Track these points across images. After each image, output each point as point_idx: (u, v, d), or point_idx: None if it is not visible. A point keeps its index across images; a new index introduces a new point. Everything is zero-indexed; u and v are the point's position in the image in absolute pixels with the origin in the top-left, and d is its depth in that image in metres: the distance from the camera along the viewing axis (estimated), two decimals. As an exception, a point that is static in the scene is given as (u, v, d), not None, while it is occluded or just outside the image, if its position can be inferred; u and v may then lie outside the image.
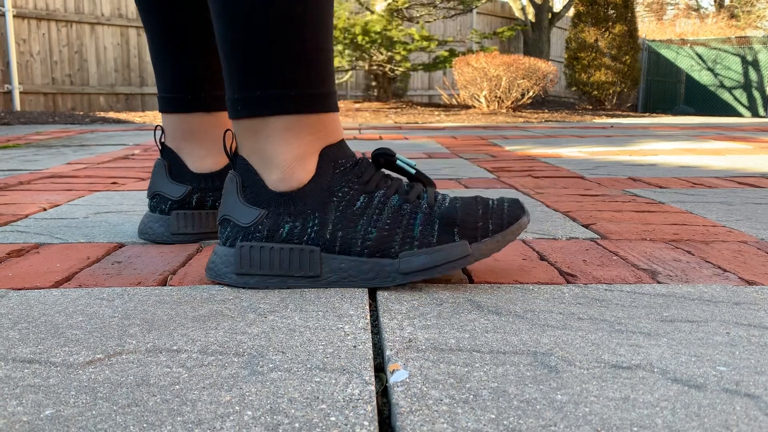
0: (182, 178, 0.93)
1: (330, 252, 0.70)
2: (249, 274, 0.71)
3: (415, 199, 0.72)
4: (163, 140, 0.94)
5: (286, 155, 0.70)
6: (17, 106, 5.75)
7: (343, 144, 0.74)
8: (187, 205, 0.93)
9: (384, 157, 0.75)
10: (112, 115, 5.42)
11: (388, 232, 0.70)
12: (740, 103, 9.87)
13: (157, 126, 0.88)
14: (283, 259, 0.70)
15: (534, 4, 9.18)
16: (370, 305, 0.67)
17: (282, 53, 0.68)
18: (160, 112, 0.94)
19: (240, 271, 0.71)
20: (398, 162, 0.76)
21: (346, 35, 6.46)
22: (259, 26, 0.67)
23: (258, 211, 0.71)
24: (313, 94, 0.71)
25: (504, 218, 0.72)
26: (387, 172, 0.77)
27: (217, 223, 0.75)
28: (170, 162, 0.94)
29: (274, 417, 0.42)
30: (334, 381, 0.48)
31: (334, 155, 0.72)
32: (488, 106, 6.58)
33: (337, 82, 7.85)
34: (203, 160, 0.94)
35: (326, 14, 0.70)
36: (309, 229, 0.70)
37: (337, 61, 6.71)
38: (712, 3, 20.06)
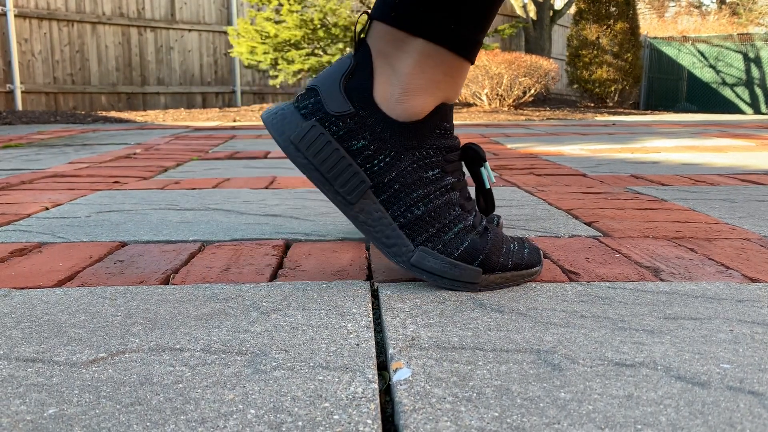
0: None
1: (376, 194, 0.69)
2: (302, 152, 0.69)
3: (469, 210, 0.71)
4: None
5: (413, 79, 0.67)
6: (19, 106, 5.75)
7: (452, 111, 0.71)
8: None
9: (473, 153, 0.74)
10: (113, 114, 5.43)
11: (431, 219, 0.68)
12: (742, 100, 9.85)
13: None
14: (338, 166, 0.68)
15: (535, 2, 9.17)
16: (373, 303, 0.67)
17: None
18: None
19: (297, 144, 0.69)
20: (482, 168, 0.75)
21: (347, 33, 6.45)
22: None
23: (349, 107, 0.68)
24: (470, 37, 0.67)
25: (523, 261, 0.72)
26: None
27: (306, 87, 0.72)
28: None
29: (278, 415, 0.42)
30: (337, 379, 0.48)
31: (445, 116, 0.70)
32: (490, 104, 6.57)
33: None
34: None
35: None
36: (377, 161, 0.68)
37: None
38: (714, 0, 20.03)
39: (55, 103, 6.07)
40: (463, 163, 0.75)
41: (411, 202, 0.68)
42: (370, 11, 0.70)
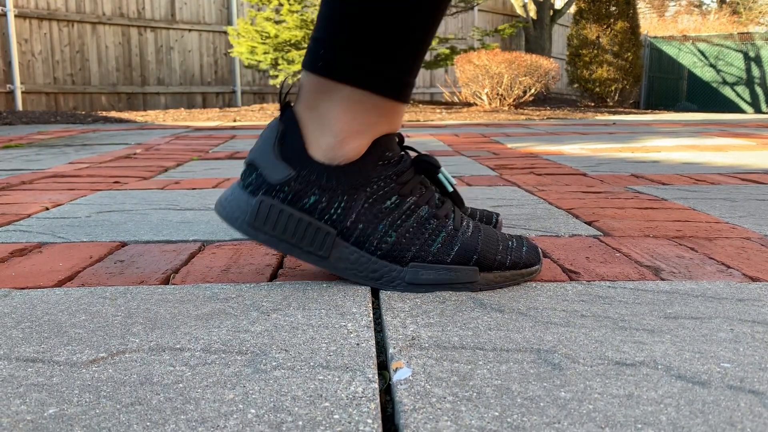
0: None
1: (345, 239, 0.69)
2: (261, 230, 0.69)
3: (443, 217, 0.71)
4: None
5: (345, 126, 0.68)
6: (19, 106, 5.75)
7: (394, 138, 0.72)
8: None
9: (426, 165, 0.74)
10: (113, 114, 5.43)
11: (407, 240, 0.69)
12: (743, 99, 9.85)
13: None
14: (298, 229, 0.69)
15: (535, 2, 9.16)
16: (373, 303, 0.67)
17: (390, 29, 0.65)
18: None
19: (253, 224, 0.69)
20: (439, 175, 0.75)
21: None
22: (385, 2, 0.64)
23: (289, 172, 0.69)
24: (399, 80, 0.68)
25: (521, 259, 0.72)
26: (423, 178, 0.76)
27: (245, 163, 0.72)
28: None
29: (278, 415, 0.42)
30: (337, 379, 0.48)
31: (385, 146, 0.70)
32: (490, 104, 6.57)
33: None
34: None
35: (444, 7, 0.68)
36: (333, 210, 0.69)
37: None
38: (714, -1, 20.02)
39: (55, 103, 6.07)
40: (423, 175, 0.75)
41: (381, 234, 0.69)
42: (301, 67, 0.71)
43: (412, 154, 0.76)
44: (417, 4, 0.65)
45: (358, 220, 0.69)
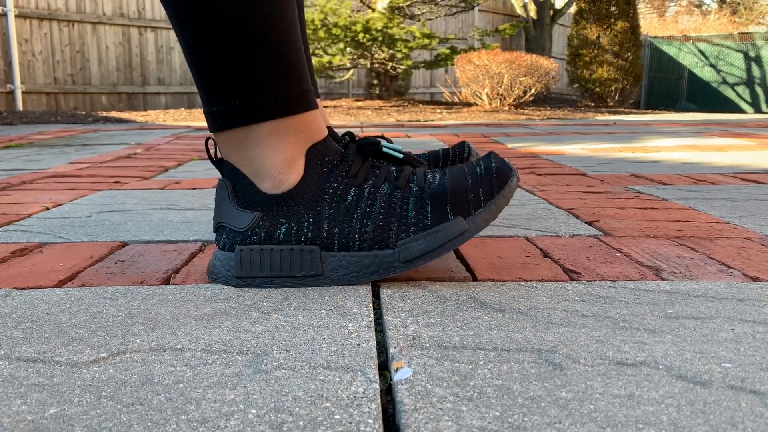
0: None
1: (330, 250, 0.70)
2: (251, 276, 0.71)
3: (405, 183, 0.72)
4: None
5: (275, 160, 0.70)
6: (20, 106, 5.76)
7: (329, 141, 0.73)
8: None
9: (369, 147, 0.75)
10: (114, 114, 5.43)
11: (384, 222, 0.70)
12: (743, 99, 9.84)
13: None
14: (283, 260, 0.70)
15: (536, 2, 9.16)
16: (374, 303, 0.67)
17: (253, 59, 0.67)
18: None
19: (241, 275, 0.71)
20: (384, 149, 0.76)
21: (347, 33, 6.45)
22: (225, 36, 0.66)
23: (252, 215, 0.71)
24: (290, 95, 0.69)
25: (494, 183, 0.71)
26: (375, 161, 0.76)
27: (213, 231, 0.75)
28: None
29: (279, 415, 0.42)
30: (338, 379, 0.48)
31: (321, 153, 0.72)
32: (490, 104, 6.57)
33: (338, 80, 7.84)
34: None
35: (290, 11, 0.69)
36: (305, 229, 0.70)
37: (338, 60, 6.70)
38: (715, -1, 20.01)
39: (55, 103, 6.07)
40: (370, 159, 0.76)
41: (358, 228, 0.70)
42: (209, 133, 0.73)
43: (354, 143, 0.77)
44: (264, 31, 0.67)
45: (332, 226, 0.70)
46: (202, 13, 0.66)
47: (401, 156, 0.76)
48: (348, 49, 6.80)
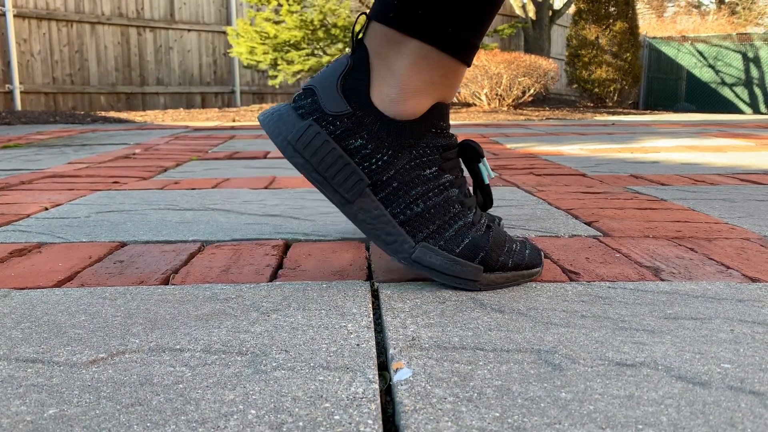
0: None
1: (375, 192, 0.69)
2: (299, 152, 0.69)
3: (467, 207, 0.72)
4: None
5: (409, 80, 0.68)
6: (18, 106, 5.75)
7: (448, 110, 0.72)
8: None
9: (471, 150, 0.74)
10: (113, 114, 5.42)
11: (431, 215, 0.69)
12: (741, 100, 9.85)
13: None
14: (336, 165, 0.68)
15: (534, 2, 9.17)
16: (373, 303, 0.67)
17: None
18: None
19: (295, 145, 0.69)
20: (480, 164, 0.75)
21: (346, 34, 6.45)
22: None
23: (346, 107, 0.69)
24: (467, 40, 0.68)
25: (524, 261, 0.72)
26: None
27: (302, 88, 0.72)
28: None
29: (278, 416, 0.42)
30: (337, 379, 0.48)
31: (441, 115, 0.70)
32: (489, 104, 6.57)
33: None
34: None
35: None
36: (375, 160, 0.68)
37: (337, 60, 6.69)
38: (713, 0, 20.03)
39: (54, 103, 6.06)
40: (461, 160, 0.75)
41: (410, 199, 0.69)
42: (368, 12, 0.70)
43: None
44: None
45: (395, 178, 0.68)
46: None
47: (487, 182, 0.76)
48: (347, 49, 6.80)
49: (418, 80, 0.68)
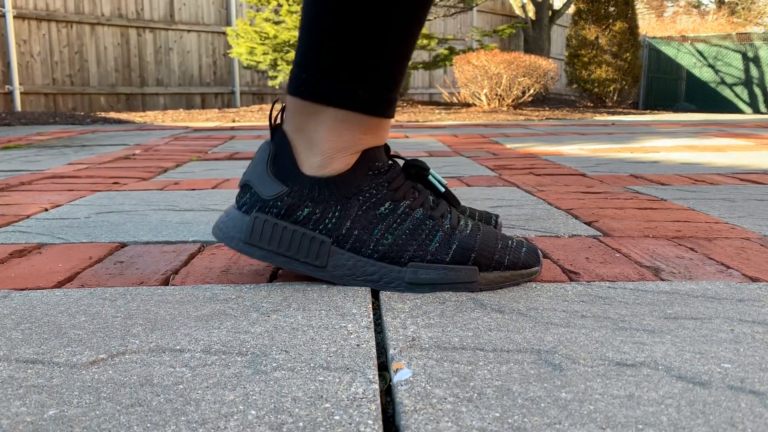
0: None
1: (340, 247, 0.70)
2: (257, 246, 0.70)
3: (439, 217, 0.72)
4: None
5: (332, 144, 0.70)
6: (18, 107, 5.75)
7: (382, 149, 0.74)
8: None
9: (416, 169, 0.75)
10: (112, 115, 5.42)
11: (404, 242, 0.70)
12: (741, 99, 9.85)
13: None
14: (293, 240, 0.70)
15: (534, 2, 9.17)
16: (373, 304, 0.67)
17: (372, 52, 0.67)
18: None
19: (248, 241, 0.70)
20: (430, 177, 0.76)
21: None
22: (362, 16, 0.66)
23: (282, 188, 0.70)
24: (380, 97, 0.70)
25: (520, 259, 0.72)
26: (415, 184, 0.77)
27: (239, 186, 0.74)
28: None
29: (279, 416, 0.42)
30: (338, 380, 0.48)
31: (373, 157, 0.72)
32: (489, 104, 6.57)
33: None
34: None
35: (418, 23, 0.69)
36: (327, 220, 0.70)
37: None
38: (713, 0, 20.03)
39: (54, 104, 6.06)
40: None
41: (377, 238, 0.70)
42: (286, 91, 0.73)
43: (400, 162, 0.77)
44: (389, 25, 0.67)
45: (353, 226, 0.70)
46: None
47: (443, 189, 0.77)
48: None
49: (341, 142, 0.70)
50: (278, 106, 0.75)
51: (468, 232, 0.72)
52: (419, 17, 0.69)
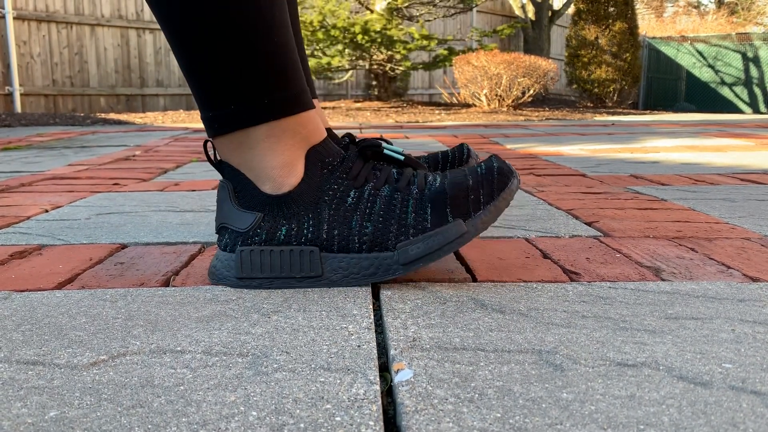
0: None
1: (329, 251, 0.70)
2: (251, 277, 0.71)
3: (406, 186, 0.72)
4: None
5: (274, 162, 0.70)
6: (18, 108, 5.75)
7: (328, 142, 0.73)
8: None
9: (371, 149, 0.75)
10: (112, 116, 5.42)
11: (383, 224, 0.70)
12: (741, 99, 9.85)
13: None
14: (283, 261, 0.70)
15: (534, 2, 9.17)
16: (374, 304, 0.67)
17: (244, 63, 0.67)
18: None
19: (241, 275, 0.71)
20: (385, 151, 0.76)
21: (346, 34, 6.45)
22: (216, 40, 0.66)
23: (254, 215, 0.71)
24: (284, 97, 0.70)
25: (494, 186, 0.71)
26: (375, 163, 0.77)
27: (215, 232, 0.75)
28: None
29: (279, 417, 0.42)
30: (338, 381, 0.48)
31: (321, 154, 0.72)
32: (489, 105, 6.57)
33: (337, 81, 7.84)
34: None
35: (281, 14, 0.68)
36: (305, 230, 0.70)
37: (337, 61, 6.70)
38: (712, 0, 20.04)
39: (54, 105, 6.06)
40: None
41: (357, 229, 0.70)
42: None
43: (359, 144, 0.77)
44: (256, 35, 0.67)
45: (332, 227, 0.70)
46: (190, 18, 0.66)
47: (402, 158, 0.77)
48: (347, 50, 6.80)
49: (279, 158, 0.70)
50: (210, 145, 0.75)
51: (436, 186, 0.71)
52: (276, 15, 0.68)
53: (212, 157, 0.74)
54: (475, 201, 0.70)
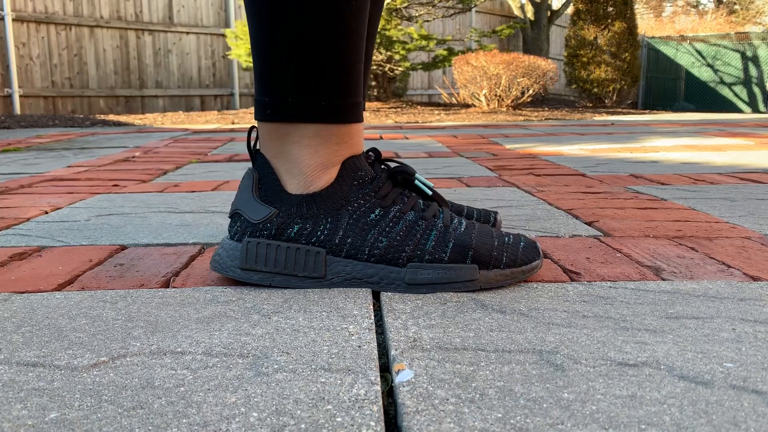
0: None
1: (336, 255, 0.70)
2: (253, 269, 0.71)
3: (431, 217, 0.72)
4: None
5: (310, 161, 0.71)
6: (17, 110, 5.75)
7: (363, 157, 0.74)
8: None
9: (402, 175, 0.76)
10: (112, 117, 5.42)
11: (400, 242, 0.70)
12: (740, 99, 9.86)
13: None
14: (288, 258, 0.70)
15: (533, 3, 9.17)
16: (374, 305, 0.67)
17: (317, 62, 0.68)
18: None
19: (244, 267, 0.71)
20: (416, 182, 0.77)
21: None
22: (297, 32, 0.67)
23: (270, 210, 0.71)
24: (342, 104, 0.71)
25: (518, 256, 0.72)
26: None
27: (229, 216, 0.75)
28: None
29: (280, 418, 0.42)
30: (339, 381, 0.48)
31: (356, 167, 0.72)
32: (488, 105, 6.57)
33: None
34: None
35: (361, 25, 0.70)
36: (319, 232, 0.70)
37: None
38: (711, -1, 20.05)
39: (53, 106, 6.06)
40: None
41: (371, 242, 0.70)
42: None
43: (392, 165, 0.78)
44: (334, 37, 0.68)
45: (346, 235, 0.70)
46: (277, 5, 0.67)
47: (430, 192, 0.77)
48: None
49: (318, 158, 0.71)
50: (254, 134, 0.76)
51: (462, 230, 0.72)
52: (357, 27, 0.69)
53: (251, 145, 0.75)
54: (497, 258, 0.70)
